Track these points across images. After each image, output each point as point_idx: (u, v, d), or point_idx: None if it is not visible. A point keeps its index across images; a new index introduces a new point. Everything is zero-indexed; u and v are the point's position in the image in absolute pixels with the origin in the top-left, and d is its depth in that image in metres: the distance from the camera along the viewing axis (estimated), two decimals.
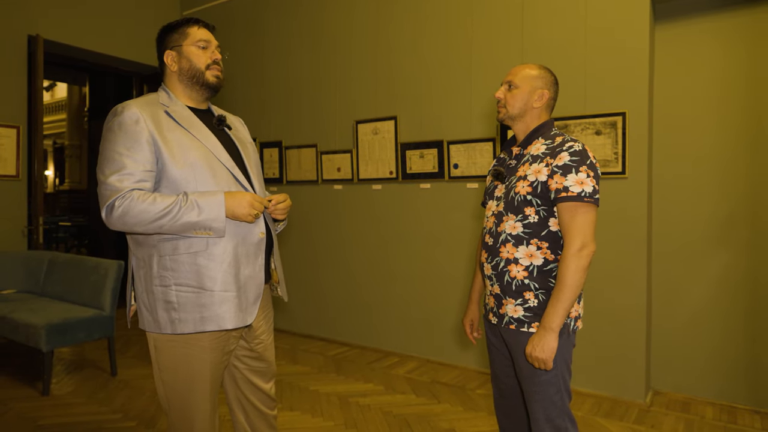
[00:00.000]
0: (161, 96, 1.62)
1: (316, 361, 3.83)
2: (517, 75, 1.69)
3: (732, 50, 3.05)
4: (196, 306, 1.50)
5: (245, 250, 1.57)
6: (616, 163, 3.06)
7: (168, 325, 1.52)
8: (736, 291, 3.04)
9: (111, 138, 1.48)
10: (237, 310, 1.54)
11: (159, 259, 1.51)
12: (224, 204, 1.47)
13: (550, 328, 1.49)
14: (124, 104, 1.51)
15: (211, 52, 1.63)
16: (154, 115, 1.52)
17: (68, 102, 13.59)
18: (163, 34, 1.64)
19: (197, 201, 1.45)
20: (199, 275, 1.50)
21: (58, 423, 2.72)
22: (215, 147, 1.59)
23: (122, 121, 1.47)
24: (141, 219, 1.42)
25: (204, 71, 1.61)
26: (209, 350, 1.56)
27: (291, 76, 4.57)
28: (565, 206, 1.52)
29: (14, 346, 4.06)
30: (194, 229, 1.46)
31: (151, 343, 1.60)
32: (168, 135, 1.51)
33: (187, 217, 1.43)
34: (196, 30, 1.62)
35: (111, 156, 1.46)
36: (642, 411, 2.94)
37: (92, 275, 3.52)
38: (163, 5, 5.31)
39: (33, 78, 4.30)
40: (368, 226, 4.14)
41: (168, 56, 1.62)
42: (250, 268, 1.58)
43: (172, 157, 1.49)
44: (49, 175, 14.93)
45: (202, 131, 1.59)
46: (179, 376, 1.57)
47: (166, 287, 1.50)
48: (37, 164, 4.32)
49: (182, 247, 1.49)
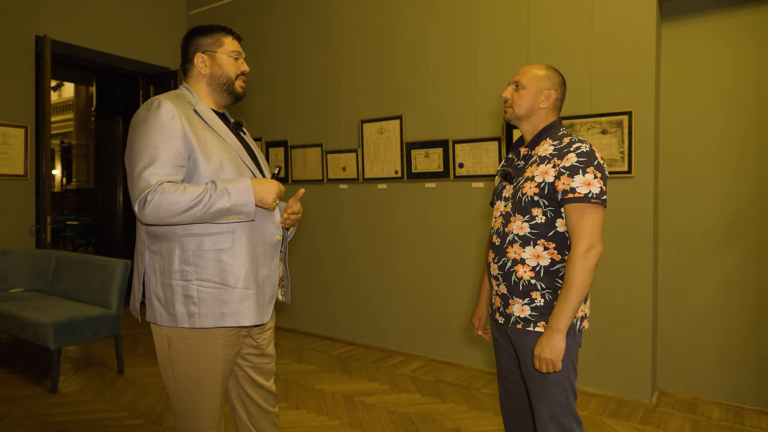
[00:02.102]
0: (186, 94, 1.64)
1: (322, 360, 3.84)
2: (524, 75, 1.69)
3: (740, 48, 3.03)
4: (218, 302, 1.53)
5: (264, 250, 1.61)
6: (623, 163, 3.05)
7: (186, 320, 1.53)
8: (743, 291, 3.03)
9: (145, 132, 1.48)
10: (256, 308, 1.57)
11: (182, 253, 1.52)
12: (252, 189, 1.51)
13: (558, 328, 1.49)
14: (160, 99, 1.53)
15: (241, 63, 1.69)
16: (187, 112, 1.56)
17: (75, 102, 13.67)
18: (193, 36, 1.67)
19: (226, 188, 1.48)
20: (223, 272, 1.53)
21: (65, 421, 2.74)
22: (239, 149, 1.64)
23: (159, 115, 1.49)
24: (173, 210, 1.43)
25: (234, 80, 1.67)
26: (223, 347, 1.58)
27: (297, 75, 4.58)
28: (573, 207, 1.52)
29: (22, 344, 4.09)
30: (226, 215, 1.49)
31: (162, 339, 1.60)
32: (200, 133, 1.55)
33: (219, 203, 1.46)
34: (230, 40, 1.68)
35: (145, 149, 1.47)
36: (648, 411, 2.93)
37: (99, 274, 3.54)
38: (170, 5, 5.33)
39: (40, 78, 4.33)
40: (373, 226, 4.15)
41: (199, 58, 1.65)
42: (268, 268, 1.63)
43: (204, 154, 1.53)
44: (57, 175, 15.02)
45: (227, 133, 1.64)
46: (190, 373, 1.58)
47: (188, 282, 1.52)
48: (44, 163, 4.35)
49: (207, 243, 1.52)
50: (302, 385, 3.30)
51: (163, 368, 1.62)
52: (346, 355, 3.95)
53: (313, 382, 3.36)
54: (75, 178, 13.77)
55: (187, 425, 1.62)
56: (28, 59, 4.34)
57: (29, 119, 4.37)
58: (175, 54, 5.38)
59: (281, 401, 3.02)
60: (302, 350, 4.07)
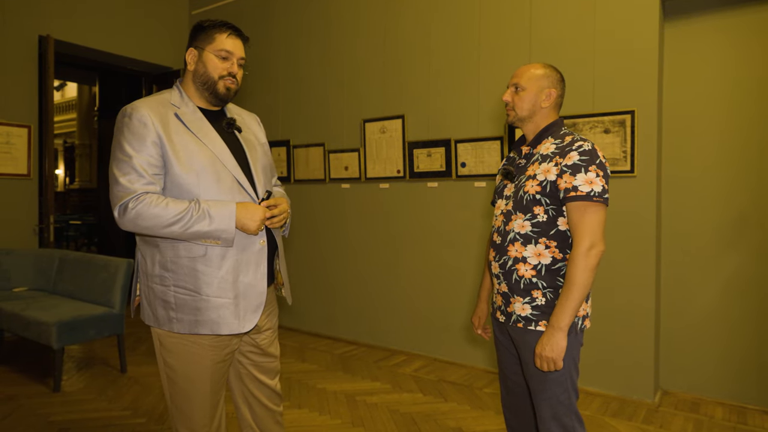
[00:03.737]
0: (173, 96, 1.61)
1: (324, 359, 3.84)
2: (522, 76, 1.68)
3: (743, 48, 3.02)
4: (192, 309, 1.53)
5: (246, 258, 1.58)
6: (625, 162, 3.04)
7: (166, 323, 1.56)
8: (747, 291, 3.02)
9: (120, 139, 1.50)
10: (233, 317, 1.55)
11: (160, 259, 1.55)
12: (235, 216, 1.49)
13: (559, 327, 1.49)
14: (134, 105, 1.51)
15: (230, 64, 1.60)
16: (163, 117, 1.52)
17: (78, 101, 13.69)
18: (194, 30, 1.63)
19: (209, 211, 1.47)
20: (196, 280, 1.52)
21: (68, 419, 2.75)
22: (222, 152, 1.58)
23: (131, 123, 1.49)
24: (153, 224, 1.45)
25: (216, 81, 1.59)
26: (209, 348, 1.59)
27: (299, 75, 4.58)
28: (574, 206, 1.52)
29: (26, 343, 4.11)
30: (203, 238, 1.49)
31: (156, 338, 1.64)
32: (175, 138, 1.51)
33: (198, 226, 1.46)
34: (223, 38, 1.58)
35: (121, 157, 1.48)
36: (650, 411, 2.93)
37: (102, 273, 3.56)
38: (173, 5, 5.34)
39: (44, 78, 4.34)
40: (375, 225, 4.15)
41: (190, 53, 1.61)
42: (251, 276, 1.59)
43: (178, 160, 1.50)
44: (60, 174, 15.06)
45: (210, 135, 1.59)
46: (180, 372, 1.60)
47: (166, 287, 1.55)
48: (48, 163, 4.37)
49: (183, 251, 1.52)
50: (304, 385, 3.31)
51: (159, 366, 1.66)
52: (348, 355, 3.95)
53: (315, 382, 3.36)
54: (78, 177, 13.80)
55: (180, 423, 1.64)
56: (31, 59, 4.35)
57: (32, 119, 4.38)
58: (178, 54, 5.39)
59: (284, 400, 3.02)
60: (304, 349, 4.07)
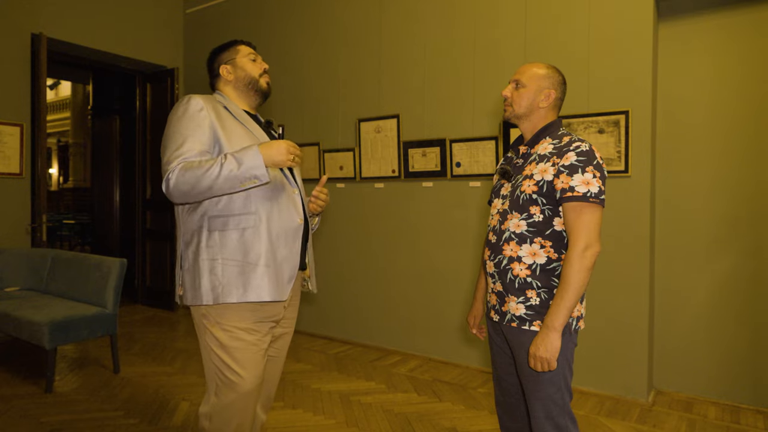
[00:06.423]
0: (218, 97, 1.81)
1: (318, 359, 3.83)
2: (524, 74, 1.69)
3: (738, 48, 3.03)
4: (240, 277, 1.64)
5: (284, 233, 1.72)
6: (619, 162, 3.05)
7: (210, 296, 1.64)
8: (740, 290, 3.03)
9: (176, 123, 1.66)
10: (275, 285, 1.68)
11: (208, 234, 1.66)
12: (260, 153, 1.58)
13: (553, 327, 1.49)
14: (190, 95, 1.71)
15: (260, 63, 1.87)
16: (215, 107, 1.72)
17: (72, 100, 13.63)
18: (214, 56, 1.87)
19: (235, 155, 1.58)
20: (245, 250, 1.64)
21: (60, 420, 2.73)
22: (265, 140, 1.76)
23: (188, 108, 1.66)
24: (191, 182, 1.55)
25: (258, 78, 1.84)
26: (246, 331, 1.68)
27: (293, 74, 4.57)
28: (571, 206, 1.52)
29: (18, 343, 4.08)
30: (240, 181, 1.57)
31: (199, 317, 1.71)
32: (227, 124, 1.70)
33: (228, 168, 1.55)
34: (244, 47, 1.88)
35: (174, 137, 1.64)
36: (644, 410, 2.94)
37: (95, 273, 3.53)
38: (167, 4, 5.32)
39: (36, 76, 4.30)
40: (370, 225, 4.14)
41: (224, 69, 1.83)
42: (287, 250, 1.72)
43: (229, 143, 1.66)
44: (54, 173, 14.97)
45: (256, 128, 1.80)
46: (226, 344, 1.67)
47: (213, 260, 1.64)
48: (40, 162, 4.33)
49: (231, 223, 1.65)
50: (299, 385, 3.30)
51: (202, 344, 1.73)
52: (343, 355, 3.94)
53: (310, 382, 3.35)
54: (72, 176, 13.74)
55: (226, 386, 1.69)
56: (23, 57, 4.32)
57: (25, 117, 4.35)
58: (172, 52, 5.37)
59: (278, 400, 3.01)
60: (299, 349, 4.06)
